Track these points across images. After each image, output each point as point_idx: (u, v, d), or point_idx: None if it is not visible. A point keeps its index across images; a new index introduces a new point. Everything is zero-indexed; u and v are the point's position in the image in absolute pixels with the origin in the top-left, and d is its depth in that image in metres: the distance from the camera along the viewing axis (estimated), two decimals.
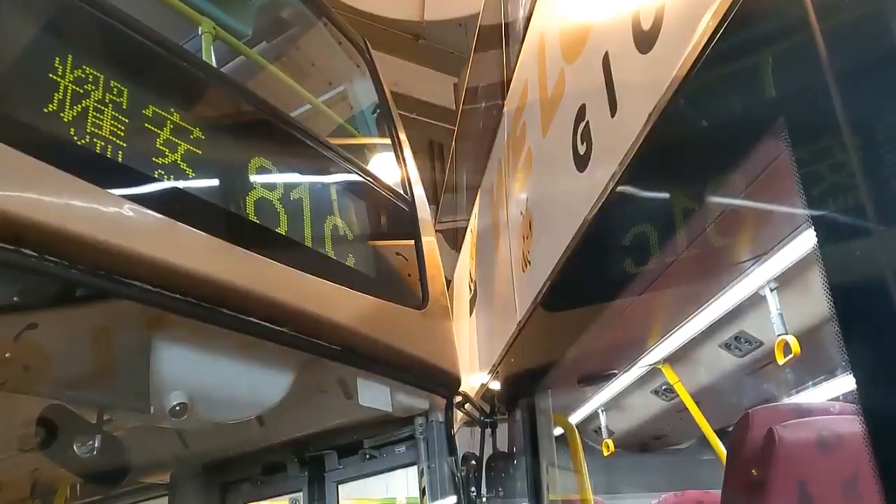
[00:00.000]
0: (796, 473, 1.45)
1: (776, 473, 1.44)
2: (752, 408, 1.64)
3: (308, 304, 2.05)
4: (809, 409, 1.64)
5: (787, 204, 1.44)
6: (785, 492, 1.43)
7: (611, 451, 3.99)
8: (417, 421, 2.81)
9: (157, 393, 1.89)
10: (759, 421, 1.58)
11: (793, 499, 1.43)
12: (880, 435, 0.86)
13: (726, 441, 1.73)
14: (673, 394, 3.45)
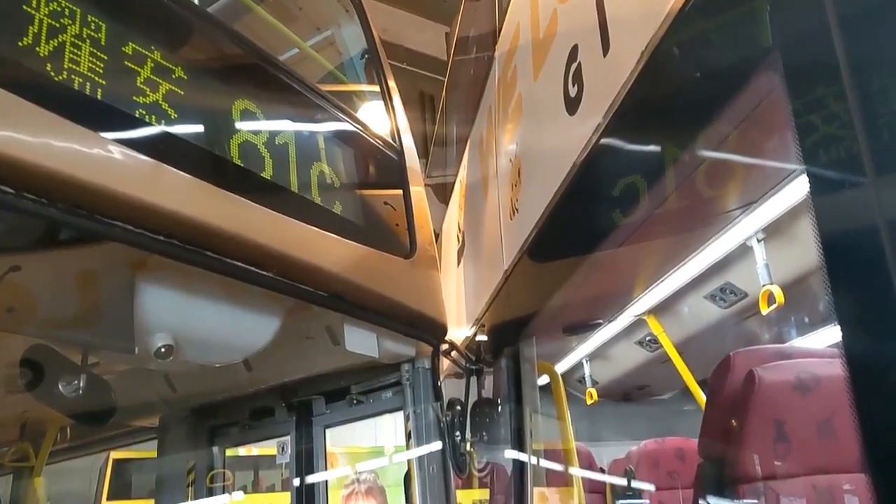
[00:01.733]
0: (774, 413, 1.48)
1: (754, 413, 1.47)
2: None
3: (293, 250, 2.04)
4: (789, 353, 1.67)
5: (779, 150, 1.43)
6: (762, 430, 1.47)
7: (594, 400, 4.05)
8: (404, 367, 2.84)
9: (141, 334, 1.89)
10: (740, 363, 1.60)
11: (769, 437, 1.46)
12: (863, 383, 0.87)
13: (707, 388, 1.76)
14: (657, 345, 3.50)
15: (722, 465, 1.54)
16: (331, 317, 2.48)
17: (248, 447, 9.90)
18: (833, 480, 1.41)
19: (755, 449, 1.47)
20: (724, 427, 1.57)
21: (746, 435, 1.48)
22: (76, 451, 3.81)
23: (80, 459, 9.36)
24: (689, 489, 1.86)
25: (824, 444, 1.45)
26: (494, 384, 3.05)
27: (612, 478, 3.72)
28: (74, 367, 1.91)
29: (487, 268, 2.94)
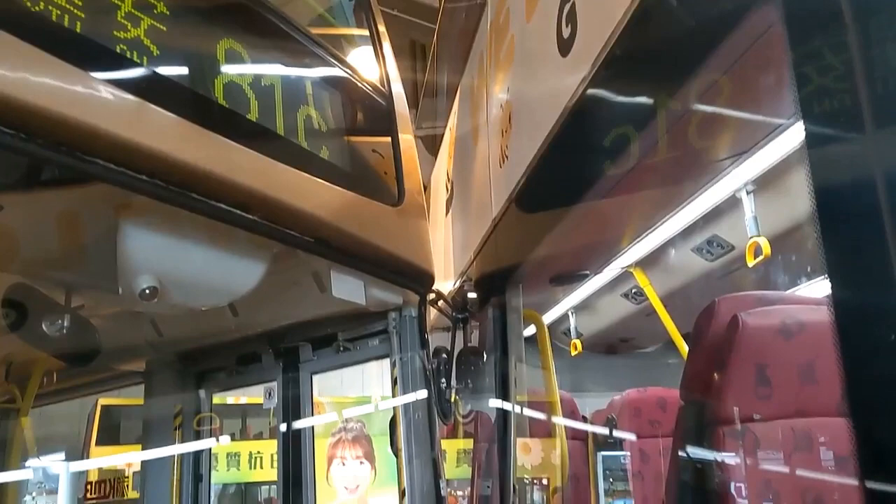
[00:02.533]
0: (757, 357, 1.50)
1: (737, 356, 1.49)
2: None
3: (279, 193, 2.01)
4: (774, 299, 1.68)
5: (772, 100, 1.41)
6: (744, 374, 1.49)
7: (578, 351, 4.10)
8: (391, 316, 2.85)
9: (126, 275, 1.88)
10: (725, 308, 1.61)
11: (750, 381, 1.48)
12: (850, 334, 0.87)
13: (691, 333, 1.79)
14: (642, 297, 3.52)
15: (703, 408, 1.56)
16: (317, 263, 2.48)
17: (237, 396, 10.00)
18: (811, 424, 1.44)
19: (736, 392, 1.49)
20: (707, 371, 1.58)
21: (728, 378, 1.50)
22: (63, 394, 3.82)
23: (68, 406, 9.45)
24: (670, 437, 1.90)
25: (804, 389, 1.47)
26: (480, 333, 3.07)
27: (595, 427, 3.79)
28: (58, 307, 1.90)
29: (476, 217, 2.93)
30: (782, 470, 1.41)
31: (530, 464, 2.82)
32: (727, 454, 1.43)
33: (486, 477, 2.84)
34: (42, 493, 7.89)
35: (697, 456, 1.53)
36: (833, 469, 1.36)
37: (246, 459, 9.99)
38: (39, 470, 8.39)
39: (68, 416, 9.40)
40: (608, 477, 4.05)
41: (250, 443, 10.28)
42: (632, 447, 3.35)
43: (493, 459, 2.78)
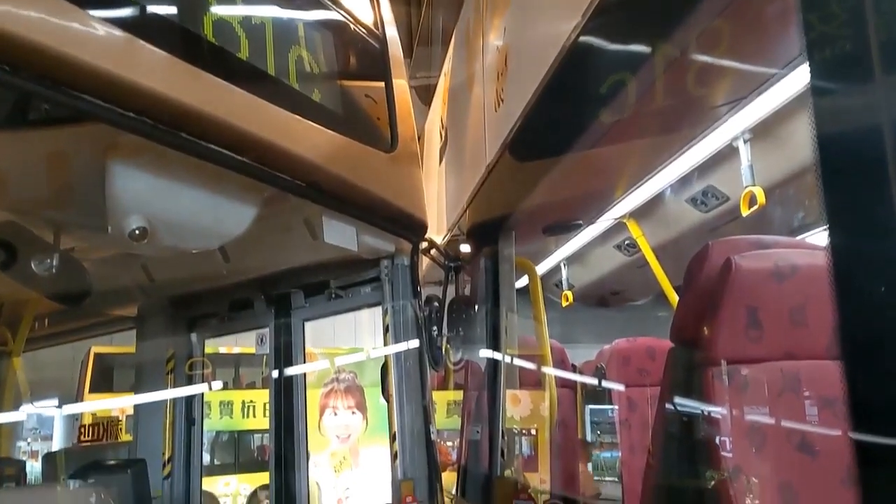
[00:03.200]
0: (749, 300, 1.50)
1: (729, 299, 1.50)
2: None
3: (271, 135, 1.98)
4: (768, 243, 1.68)
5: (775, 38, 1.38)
6: (735, 316, 1.50)
7: (569, 302, 4.12)
8: (383, 264, 2.84)
9: (115, 215, 1.85)
10: (718, 251, 1.62)
11: (741, 323, 1.49)
12: (849, 286, 0.86)
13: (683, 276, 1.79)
14: (635, 249, 3.52)
15: (693, 350, 1.58)
16: (309, 209, 2.46)
17: (229, 345, 10.06)
18: (800, 366, 1.46)
19: (727, 334, 1.50)
20: (698, 313, 1.59)
21: (719, 320, 1.51)
22: (55, 339, 3.83)
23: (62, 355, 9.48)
24: (658, 387, 1.92)
25: (795, 331, 1.48)
26: (472, 282, 3.07)
27: (583, 378, 3.83)
28: (47, 246, 1.88)
29: (470, 163, 2.90)
30: (769, 411, 1.43)
31: (519, 415, 2.86)
32: (716, 395, 1.45)
33: (475, 423, 2.88)
34: (37, 439, 8.00)
35: (686, 399, 1.55)
36: (819, 410, 1.38)
37: (239, 408, 10.13)
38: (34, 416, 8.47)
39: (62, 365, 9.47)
40: (595, 429, 4.12)
41: (243, 392, 10.40)
42: (620, 396, 3.39)
43: (483, 407, 2.82)
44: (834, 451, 1.30)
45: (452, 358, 3.11)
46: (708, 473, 1.45)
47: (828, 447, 1.32)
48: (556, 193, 2.50)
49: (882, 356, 0.83)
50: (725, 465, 1.38)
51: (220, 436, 10.39)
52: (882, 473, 0.81)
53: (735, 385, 1.45)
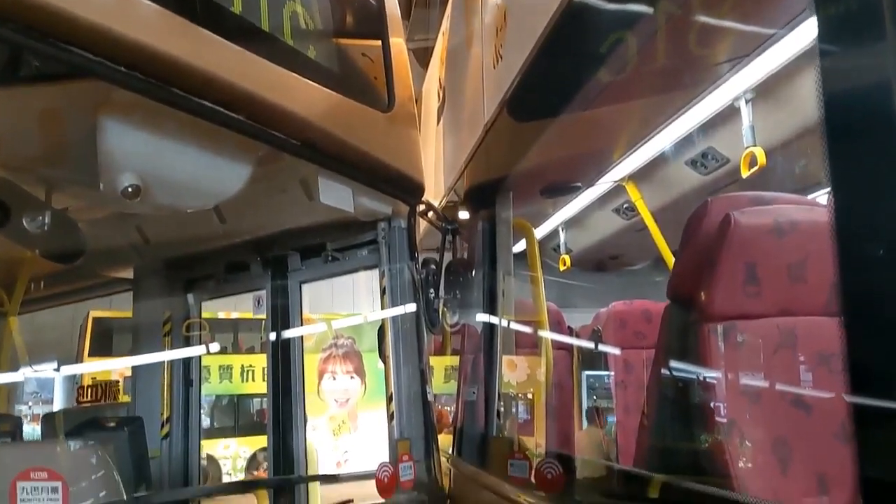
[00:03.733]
0: (747, 256, 1.49)
1: (727, 254, 1.48)
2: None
3: (265, 92, 1.95)
4: (768, 199, 1.67)
5: None
6: (733, 272, 1.48)
7: (567, 266, 4.12)
8: (380, 226, 2.82)
9: (107, 173, 1.83)
10: (717, 207, 1.60)
11: (739, 279, 1.48)
12: (853, 249, 0.85)
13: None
14: (633, 212, 3.51)
15: (689, 307, 1.57)
16: (305, 169, 2.43)
17: (228, 311, 10.10)
18: (797, 322, 1.45)
19: (724, 290, 1.49)
20: (696, 269, 1.58)
21: (717, 276, 1.50)
22: (52, 300, 3.83)
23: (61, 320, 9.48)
24: (653, 349, 1.92)
25: (792, 288, 1.47)
26: (469, 245, 3.06)
27: (580, 341, 3.84)
28: (39, 204, 1.87)
29: (468, 123, 2.86)
30: (765, 367, 1.43)
31: (515, 380, 2.87)
32: (711, 351, 1.44)
33: (471, 384, 2.89)
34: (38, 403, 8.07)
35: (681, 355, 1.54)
36: (815, 367, 1.38)
37: (238, 372, 10.21)
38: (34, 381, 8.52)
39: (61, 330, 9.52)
40: (591, 395, 4.15)
41: (242, 356, 10.47)
42: (616, 358, 3.41)
43: (479, 368, 2.83)
44: (829, 407, 1.30)
45: (449, 321, 3.11)
46: (701, 430, 1.46)
47: (823, 403, 1.32)
48: (554, 155, 2.47)
49: (882, 314, 0.82)
50: (720, 421, 1.39)
51: (220, 399, 10.50)
52: (879, 429, 0.81)
53: (731, 341, 1.45)
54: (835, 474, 1.13)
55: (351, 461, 9.98)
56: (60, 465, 1.61)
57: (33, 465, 1.54)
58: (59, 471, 1.57)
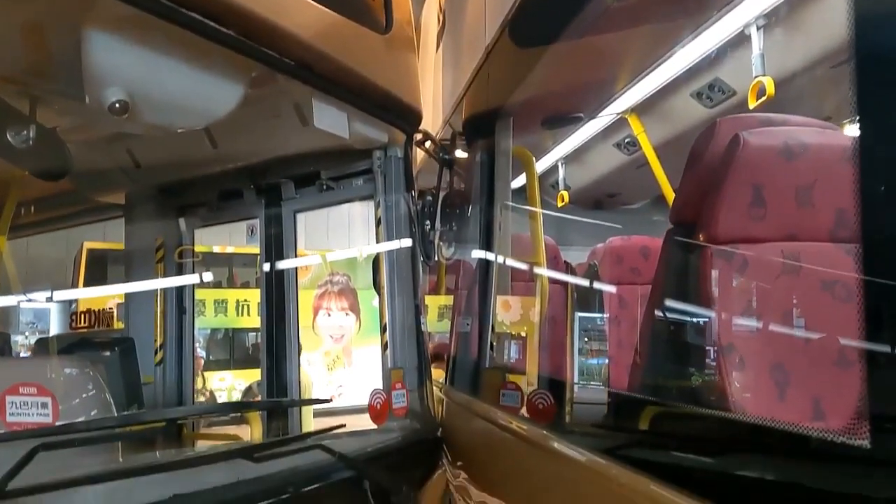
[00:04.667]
0: (754, 177, 1.45)
1: (734, 176, 1.45)
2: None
3: (259, 8, 1.87)
4: (779, 122, 1.62)
5: None
6: (739, 194, 1.45)
7: (565, 203, 4.08)
8: (376, 154, 2.77)
9: (93, 86, 1.77)
10: (726, 129, 1.55)
11: (745, 201, 1.45)
12: (877, 183, 0.80)
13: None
14: (635, 147, 3.44)
15: (692, 230, 1.54)
16: (299, 92, 2.36)
17: (223, 245, 10.08)
18: (801, 248, 1.42)
19: (729, 212, 1.45)
20: (700, 192, 1.54)
21: (722, 198, 1.46)
22: (44, 225, 3.79)
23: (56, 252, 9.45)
24: (649, 285, 1.90)
25: (799, 212, 1.44)
26: (467, 178, 3.01)
27: (575, 279, 3.83)
28: (22, 117, 1.81)
29: (468, 48, 2.77)
30: (766, 292, 1.40)
31: (509, 320, 2.86)
32: (712, 275, 1.42)
33: (465, 316, 2.89)
34: (35, 333, 8.12)
35: (682, 281, 1.52)
36: (818, 293, 1.36)
37: (233, 306, 10.27)
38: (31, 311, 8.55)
39: (56, 264, 9.52)
40: (583, 337, 4.16)
41: (237, 291, 10.51)
42: (611, 293, 3.40)
43: (474, 301, 2.81)
44: (830, 334, 1.28)
45: (445, 253, 3.08)
46: (699, 356, 1.45)
47: (824, 330, 1.30)
48: (556, 83, 2.40)
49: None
50: (718, 346, 1.37)
51: (215, 333, 10.59)
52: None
53: (733, 265, 1.42)
54: (832, 401, 1.12)
55: (345, 395, 10.12)
56: (50, 381, 1.60)
57: (22, 381, 1.53)
58: (48, 387, 1.56)
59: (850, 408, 0.89)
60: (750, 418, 1.19)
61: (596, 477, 1.24)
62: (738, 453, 1.05)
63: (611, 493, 1.17)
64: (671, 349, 1.58)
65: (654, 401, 1.52)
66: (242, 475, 1.65)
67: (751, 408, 1.31)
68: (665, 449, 1.13)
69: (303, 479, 1.79)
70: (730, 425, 1.18)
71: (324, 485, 1.86)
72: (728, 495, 0.86)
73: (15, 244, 3.62)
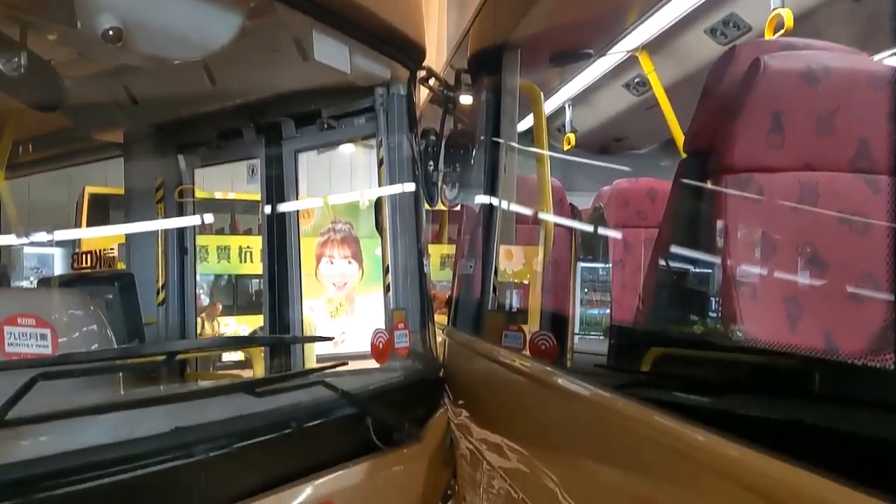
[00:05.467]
0: (774, 103, 1.39)
1: (753, 101, 1.39)
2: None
3: None
4: (802, 46, 1.55)
5: None
6: (757, 120, 1.39)
7: (571, 146, 4.00)
8: (378, 92, 2.70)
9: (85, 12, 1.70)
10: (746, 53, 1.48)
11: (763, 128, 1.40)
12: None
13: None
14: (645, 87, 3.36)
15: (707, 158, 1.49)
16: (299, 25, 2.28)
17: (225, 191, 10.02)
18: (819, 178, 1.38)
19: (746, 140, 1.40)
20: (717, 118, 1.49)
21: (739, 125, 1.40)
22: (44, 164, 3.74)
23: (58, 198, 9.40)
24: (655, 228, 1.85)
25: (819, 140, 1.39)
26: (471, 116, 2.94)
27: (580, 224, 3.79)
28: (13, 44, 1.74)
29: None
30: (782, 222, 1.37)
31: (512, 269, 2.83)
32: (727, 205, 1.38)
33: (468, 259, 2.86)
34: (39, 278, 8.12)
35: (694, 211, 1.48)
36: (835, 224, 1.32)
37: (236, 252, 10.27)
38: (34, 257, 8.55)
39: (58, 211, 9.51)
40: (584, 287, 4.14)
41: (240, 237, 10.50)
42: (616, 236, 3.36)
43: (477, 242, 2.78)
44: (846, 266, 1.25)
45: (448, 196, 3.04)
46: (710, 286, 1.42)
47: (840, 263, 1.27)
48: (565, 16, 2.31)
49: None
50: (730, 277, 1.34)
51: (219, 279, 10.62)
52: None
53: (749, 194, 1.38)
54: (843, 334, 1.10)
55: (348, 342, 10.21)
56: (49, 313, 1.58)
57: (21, 311, 1.51)
58: (48, 319, 1.54)
59: (866, 342, 0.87)
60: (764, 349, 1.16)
61: (599, 410, 1.22)
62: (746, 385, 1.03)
63: (614, 426, 1.15)
64: (683, 280, 1.55)
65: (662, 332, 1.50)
66: (244, 410, 1.65)
67: (762, 341, 1.28)
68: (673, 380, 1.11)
69: (305, 415, 1.79)
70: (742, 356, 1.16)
71: (326, 421, 1.86)
72: (743, 429, 0.84)
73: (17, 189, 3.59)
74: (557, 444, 1.46)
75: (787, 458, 0.70)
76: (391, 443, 1.98)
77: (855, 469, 0.63)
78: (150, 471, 1.31)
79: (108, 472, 1.22)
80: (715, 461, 0.83)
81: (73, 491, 1.15)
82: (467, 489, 2.24)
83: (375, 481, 1.95)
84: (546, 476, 1.41)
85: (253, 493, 1.54)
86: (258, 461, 1.62)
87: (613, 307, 3.20)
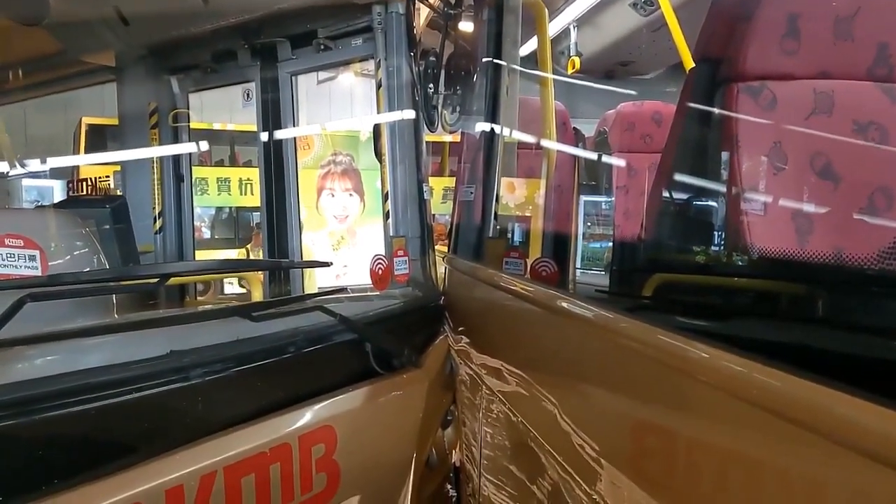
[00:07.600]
0: (790, 5, 1.31)
1: (768, 5, 1.30)
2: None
3: None
4: None
5: None
6: (772, 24, 1.31)
7: (576, 69, 3.88)
8: (375, 10, 2.59)
9: None
10: None
11: (778, 33, 1.32)
12: None
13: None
14: (653, 6, 3.22)
15: (717, 65, 1.42)
16: None
17: (223, 122, 9.87)
18: (835, 86, 1.31)
19: (759, 45, 1.32)
20: (729, 23, 1.40)
21: (752, 29, 1.33)
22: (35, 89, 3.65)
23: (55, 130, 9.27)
24: (659, 153, 1.78)
25: (836, 46, 1.31)
26: (473, 39, 2.83)
27: (584, 152, 3.71)
28: None
29: None
30: (795, 133, 1.30)
31: (514, 202, 2.78)
32: (737, 114, 1.31)
33: (469, 185, 2.80)
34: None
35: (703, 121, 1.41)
36: (850, 135, 1.26)
37: (236, 185, 10.18)
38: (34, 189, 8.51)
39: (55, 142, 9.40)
40: (586, 221, 4.09)
41: (240, 169, 10.39)
42: (620, 160, 3.29)
43: (479, 167, 2.71)
44: (859, 179, 1.20)
45: (448, 120, 2.96)
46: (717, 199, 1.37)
47: (853, 175, 1.22)
48: None
49: None
50: (739, 190, 1.29)
51: (219, 212, 10.57)
52: None
53: (760, 103, 1.31)
54: (852, 250, 1.05)
55: (350, 275, 10.23)
56: (39, 234, 1.54)
57: (7, 232, 1.47)
58: (36, 240, 1.50)
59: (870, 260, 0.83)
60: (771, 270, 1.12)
61: (600, 331, 1.19)
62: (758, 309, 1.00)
63: (615, 347, 1.13)
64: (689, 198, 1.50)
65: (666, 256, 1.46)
66: (242, 334, 1.63)
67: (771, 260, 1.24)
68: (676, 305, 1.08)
69: (303, 340, 1.76)
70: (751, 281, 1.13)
71: (324, 346, 1.84)
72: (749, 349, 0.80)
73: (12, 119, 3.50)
74: (557, 367, 1.44)
75: (792, 371, 0.67)
76: (391, 368, 1.97)
77: (866, 380, 0.60)
78: (146, 394, 1.28)
79: (101, 394, 1.18)
80: (719, 377, 0.80)
81: (66, 413, 1.12)
82: (467, 413, 2.26)
83: (375, 406, 1.94)
84: (545, 398, 1.40)
85: (251, 418, 1.53)
86: (256, 386, 1.61)
87: (616, 234, 3.16)
